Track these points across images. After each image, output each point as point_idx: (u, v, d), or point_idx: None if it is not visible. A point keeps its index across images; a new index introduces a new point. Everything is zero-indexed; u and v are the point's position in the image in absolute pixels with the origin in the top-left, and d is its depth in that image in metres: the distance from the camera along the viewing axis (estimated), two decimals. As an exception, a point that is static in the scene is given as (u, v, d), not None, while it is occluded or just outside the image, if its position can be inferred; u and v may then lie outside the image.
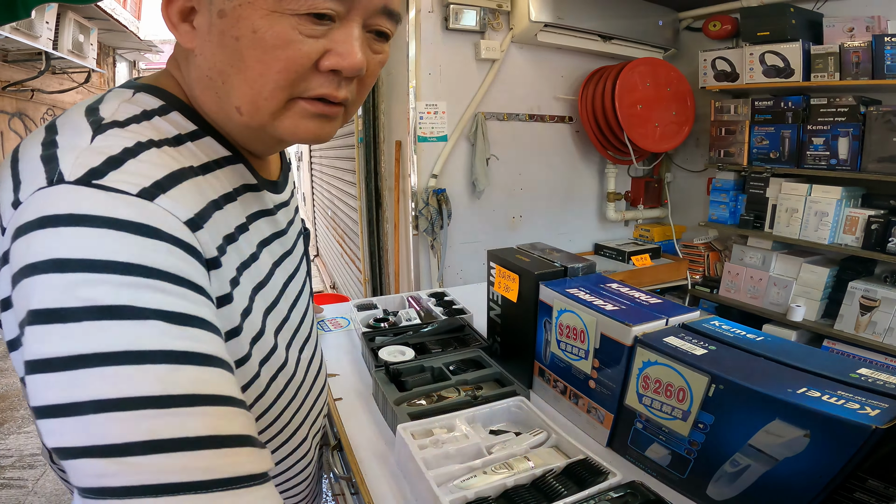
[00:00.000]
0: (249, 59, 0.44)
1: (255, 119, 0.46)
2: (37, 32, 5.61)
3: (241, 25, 0.43)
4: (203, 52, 0.46)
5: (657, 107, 2.37)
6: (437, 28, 2.20)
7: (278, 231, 0.59)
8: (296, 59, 0.44)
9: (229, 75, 0.45)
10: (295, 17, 0.43)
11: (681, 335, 0.64)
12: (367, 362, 1.12)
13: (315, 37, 0.44)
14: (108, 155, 0.38)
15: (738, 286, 2.42)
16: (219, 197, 0.47)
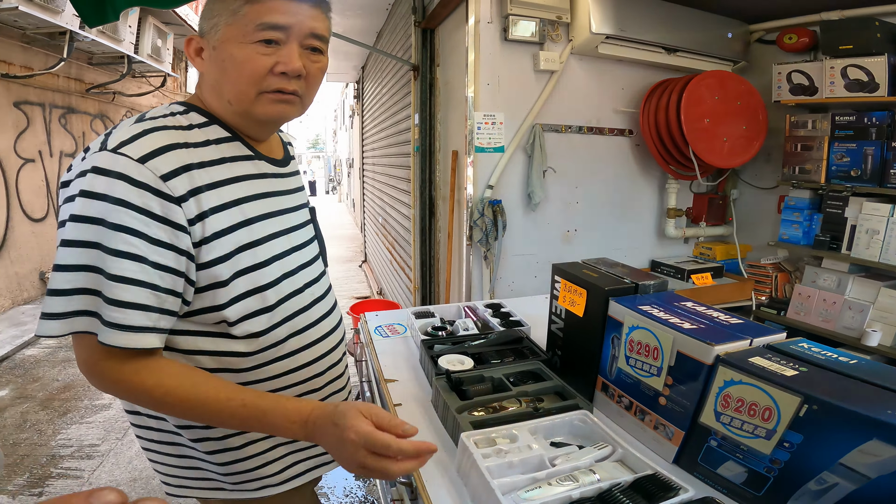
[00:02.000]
0: (230, 71, 0.77)
1: (240, 107, 0.79)
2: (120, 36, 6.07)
3: (224, 53, 0.76)
4: (208, 71, 0.81)
5: (726, 121, 2.28)
6: (495, 39, 2.22)
7: (273, 192, 0.87)
8: (256, 68, 0.76)
9: (222, 83, 0.79)
10: (253, 45, 0.75)
11: (767, 356, 0.63)
12: (425, 369, 1.13)
13: (267, 55, 0.76)
14: (129, 136, 0.69)
15: (809, 309, 2.28)
16: (201, 161, 0.75)
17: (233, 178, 0.79)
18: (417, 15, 2.93)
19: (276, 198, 0.87)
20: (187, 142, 0.75)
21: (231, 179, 0.79)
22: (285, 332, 0.85)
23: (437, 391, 0.96)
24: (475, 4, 2.19)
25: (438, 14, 2.67)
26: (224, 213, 0.76)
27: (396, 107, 3.98)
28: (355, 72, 6.96)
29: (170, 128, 0.74)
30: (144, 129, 0.72)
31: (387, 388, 1.10)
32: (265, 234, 0.82)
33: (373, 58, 5.44)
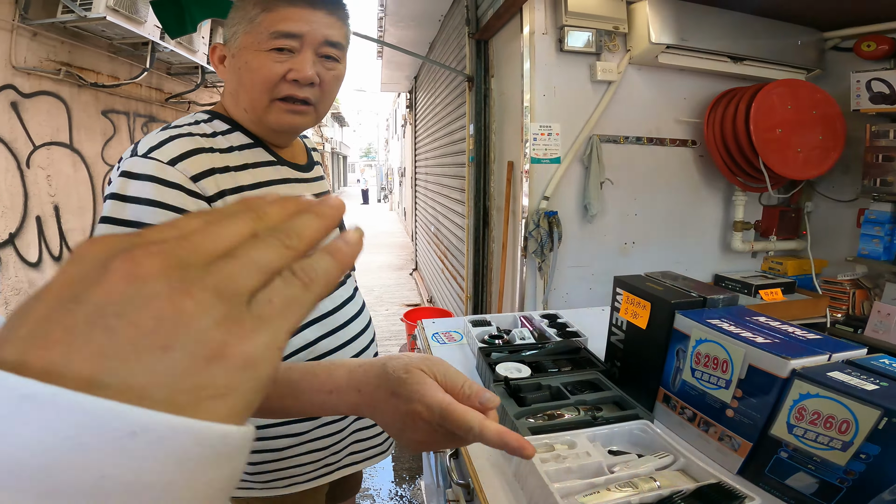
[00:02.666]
0: (246, 78, 0.80)
1: (254, 114, 0.82)
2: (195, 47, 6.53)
3: (240, 60, 0.80)
4: (229, 79, 0.85)
5: (800, 131, 2.17)
6: (551, 49, 2.23)
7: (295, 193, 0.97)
8: (268, 75, 0.78)
9: (239, 90, 0.82)
10: (267, 53, 0.78)
11: (847, 371, 0.62)
12: (482, 376, 1.16)
13: (280, 62, 0.78)
14: (156, 143, 0.74)
15: (890, 327, 2.12)
16: (225, 166, 0.79)
17: (256, 183, 0.82)
18: (471, 26, 2.99)
19: None
20: (213, 147, 0.79)
21: (254, 185, 0.81)
22: (315, 334, 0.87)
23: (496, 397, 0.98)
24: (530, 16, 2.22)
25: (492, 25, 2.71)
26: None
27: (450, 117, 4.06)
28: (408, 82, 7.14)
29: (195, 135, 0.78)
30: (171, 136, 0.76)
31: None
32: None
33: (425, 68, 5.58)
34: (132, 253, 0.18)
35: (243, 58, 0.80)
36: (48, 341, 0.16)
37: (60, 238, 4.76)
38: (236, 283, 0.18)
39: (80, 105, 5.17)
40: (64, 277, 0.18)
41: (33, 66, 4.48)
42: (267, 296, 0.19)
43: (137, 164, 0.71)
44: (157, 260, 0.17)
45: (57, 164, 4.86)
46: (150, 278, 0.17)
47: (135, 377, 0.16)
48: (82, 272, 0.18)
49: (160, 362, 0.17)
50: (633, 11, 2.21)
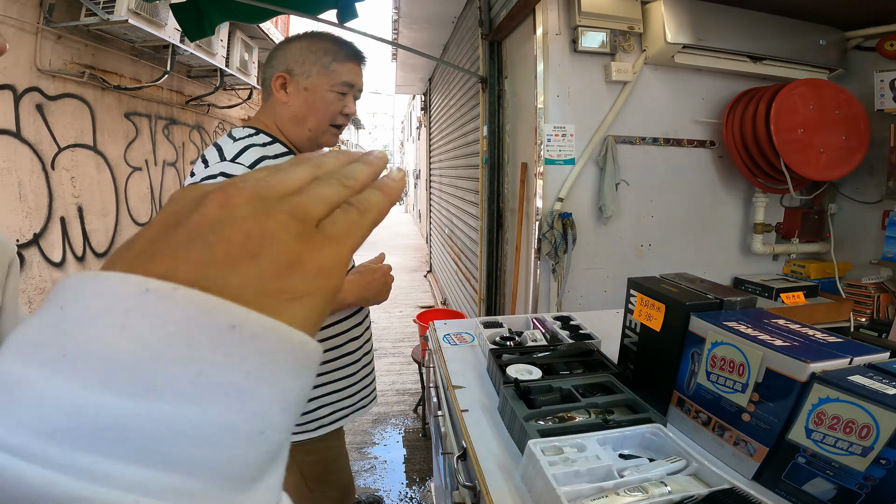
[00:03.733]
0: (318, 108, 1.12)
1: (315, 136, 1.14)
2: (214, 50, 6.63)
3: (315, 94, 1.11)
4: (293, 104, 1.12)
5: (823, 131, 2.12)
6: (564, 50, 2.21)
7: None
8: (333, 110, 1.13)
9: (308, 116, 1.12)
10: (333, 93, 1.11)
11: (869, 374, 0.60)
12: (492, 377, 1.15)
13: (340, 101, 1.12)
14: (237, 151, 1.02)
15: (919, 337, 2.04)
16: None
17: None
18: (484, 28, 2.99)
19: None
20: (266, 155, 1.07)
21: None
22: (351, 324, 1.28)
23: (505, 399, 0.97)
24: (543, 16, 2.20)
25: (505, 26, 2.70)
26: None
27: (464, 119, 4.05)
28: (422, 84, 7.16)
29: (257, 145, 1.08)
30: (245, 146, 1.06)
31: (454, 393, 1.12)
32: None
33: (439, 70, 5.59)
34: (223, 188, 0.22)
35: (318, 93, 1.12)
36: (156, 256, 0.19)
37: (84, 239, 4.88)
38: (306, 209, 0.22)
39: (104, 107, 5.29)
40: (164, 213, 0.22)
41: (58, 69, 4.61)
42: (332, 220, 0.23)
43: (230, 167, 1.02)
44: (244, 193, 0.21)
45: (81, 165, 4.98)
46: (238, 205, 0.21)
47: (229, 281, 0.19)
48: (180, 207, 0.22)
49: (249, 269, 0.20)
50: (648, 11, 2.18)
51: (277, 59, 1.16)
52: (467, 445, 0.93)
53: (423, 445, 2.79)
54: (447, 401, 1.16)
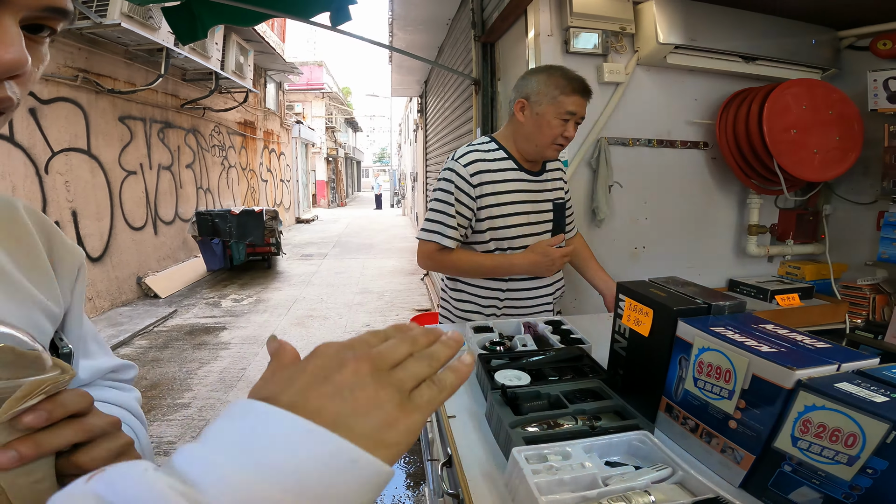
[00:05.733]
0: (545, 130, 1.47)
1: (541, 150, 1.52)
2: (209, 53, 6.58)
3: (544, 119, 1.46)
4: (527, 124, 1.50)
5: (816, 132, 2.11)
6: (556, 51, 2.20)
7: (523, 189, 1.57)
8: (556, 133, 1.48)
9: (537, 135, 1.49)
10: (557, 119, 1.45)
11: (856, 381, 0.58)
12: (481, 384, 1.13)
13: (562, 125, 1.47)
14: (463, 153, 1.55)
15: (914, 337, 2.02)
16: (489, 169, 1.53)
17: (503, 179, 1.54)
18: (477, 29, 2.98)
19: (524, 193, 1.57)
20: (485, 158, 1.53)
21: (502, 181, 1.54)
22: None
23: (492, 405, 0.95)
24: (535, 17, 2.19)
25: (498, 28, 2.69)
26: (492, 195, 1.52)
27: (459, 121, 4.04)
28: (418, 86, 7.15)
29: (479, 150, 1.55)
30: (470, 150, 1.54)
31: None
32: (510, 211, 1.54)
33: (435, 72, 5.58)
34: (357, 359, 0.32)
35: (546, 118, 1.46)
36: (310, 401, 0.31)
37: (78, 243, 4.86)
38: (404, 384, 0.33)
39: (98, 111, 5.26)
40: (314, 365, 0.33)
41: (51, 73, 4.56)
42: (419, 393, 0.33)
43: (452, 164, 1.53)
44: (368, 365, 0.32)
45: (75, 170, 4.95)
46: (365, 374, 0.32)
47: (355, 428, 0.30)
48: (326, 362, 0.33)
49: (367, 422, 0.30)
50: (640, 12, 2.17)
51: (520, 87, 1.52)
52: (452, 452, 0.91)
53: (419, 450, 2.77)
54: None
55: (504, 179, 1.54)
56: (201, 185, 7.85)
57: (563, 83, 1.43)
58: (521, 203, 1.57)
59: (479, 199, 1.52)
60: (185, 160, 7.42)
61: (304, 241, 11.24)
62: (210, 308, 5.78)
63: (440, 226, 1.53)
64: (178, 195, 7.03)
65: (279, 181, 13.13)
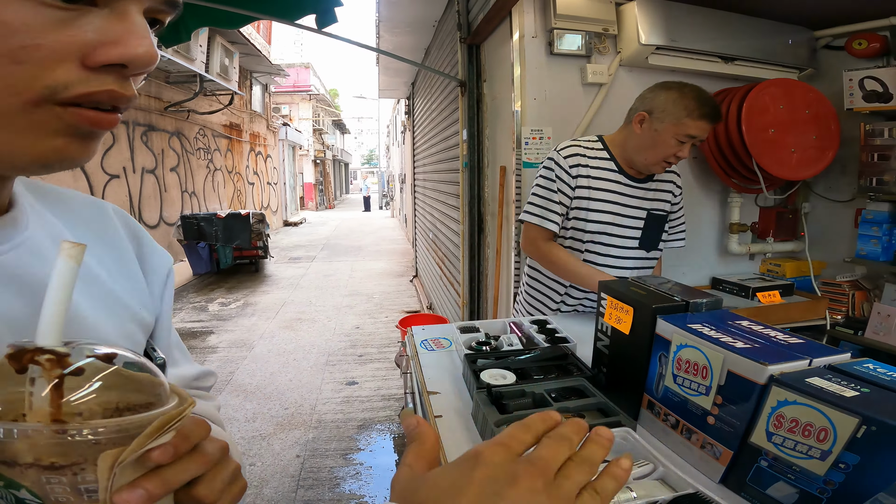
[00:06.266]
0: (659, 147, 1.44)
1: (648, 164, 1.50)
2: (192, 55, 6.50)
3: (662, 136, 1.42)
4: (642, 137, 1.47)
5: (794, 131, 2.15)
6: (541, 53, 2.22)
7: (619, 192, 1.54)
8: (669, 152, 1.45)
9: (649, 148, 1.46)
10: (674, 139, 1.42)
11: (827, 376, 0.59)
12: (467, 383, 1.13)
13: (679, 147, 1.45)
14: (564, 146, 1.58)
15: (890, 328, 2.08)
16: (587, 165, 1.54)
17: (599, 178, 1.54)
18: (463, 31, 2.99)
19: (619, 195, 1.54)
20: (586, 154, 1.54)
21: (598, 178, 1.54)
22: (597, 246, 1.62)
23: (478, 404, 0.96)
24: (519, 19, 2.21)
25: (483, 30, 2.71)
26: (585, 188, 1.53)
27: (445, 122, 4.05)
28: (406, 88, 7.16)
29: (582, 146, 1.55)
30: (573, 144, 1.57)
31: (429, 399, 1.10)
32: (597, 208, 1.54)
33: (422, 74, 5.59)
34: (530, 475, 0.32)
35: (665, 136, 1.41)
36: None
37: (58, 248, 4.74)
38: (571, 494, 0.32)
39: (79, 115, 5.17)
40: (484, 473, 0.32)
41: (30, 78, 4.49)
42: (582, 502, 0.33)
43: (553, 154, 1.56)
44: (542, 480, 0.31)
45: (55, 174, 4.86)
46: (540, 493, 0.31)
47: None
48: (495, 474, 0.31)
49: None
50: (622, 13, 2.20)
51: (646, 100, 1.47)
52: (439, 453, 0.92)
53: (408, 452, 2.77)
54: (422, 407, 1.15)
55: (600, 178, 1.53)
56: (186, 188, 7.76)
57: (693, 106, 1.38)
58: (611, 204, 1.54)
59: (575, 190, 1.54)
60: (170, 163, 7.31)
61: (292, 244, 11.17)
62: (197, 312, 5.71)
63: (546, 211, 1.54)
64: (162, 199, 6.94)
65: (266, 184, 13.03)
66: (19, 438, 0.29)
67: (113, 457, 0.30)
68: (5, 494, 0.30)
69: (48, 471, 0.30)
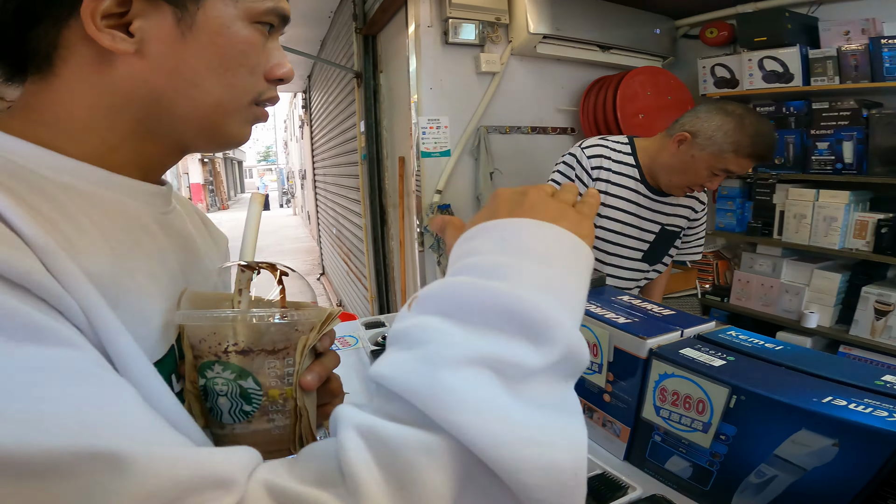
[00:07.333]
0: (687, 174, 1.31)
1: (671, 186, 1.37)
2: None
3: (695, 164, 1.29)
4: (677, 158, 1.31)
5: (659, 116, 2.36)
6: (436, 42, 2.22)
7: (636, 202, 1.40)
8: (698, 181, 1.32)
9: (675, 172, 1.33)
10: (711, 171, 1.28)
11: (697, 346, 0.63)
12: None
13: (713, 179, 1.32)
14: (590, 143, 1.40)
15: (749, 294, 2.38)
16: (610, 168, 1.37)
17: (618, 183, 1.39)
18: (358, 22, 2.90)
19: (635, 206, 1.41)
20: (611, 157, 1.38)
21: (617, 184, 1.39)
22: None
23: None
24: (415, 9, 2.18)
25: (379, 20, 2.64)
26: (603, 193, 1.38)
27: (342, 115, 3.93)
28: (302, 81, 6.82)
29: (609, 147, 1.39)
30: (599, 143, 1.40)
31: None
32: (609, 215, 1.41)
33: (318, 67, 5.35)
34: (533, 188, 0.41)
35: (698, 164, 1.27)
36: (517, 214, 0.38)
37: None
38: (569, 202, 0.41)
39: None
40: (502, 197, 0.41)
41: None
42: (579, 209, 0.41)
43: (574, 149, 1.41)
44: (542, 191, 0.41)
45: None
46: (545, 196, 0.40)
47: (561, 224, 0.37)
48: (510, 195, 0.41)
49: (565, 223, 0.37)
50: (513, 2, 2.24)
51: (697, 120, 1.28)
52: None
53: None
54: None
55: (619, 184, 1.40)
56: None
57: (744, 143, 1.22)
58: (624, 213, 1.43)
59: None
60: None
61: (182, 249, 10.20)
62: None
63: None
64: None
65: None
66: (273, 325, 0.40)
67: (304, 341, 0.41)
68: (232, 387, 0.39)
69: (271, 355, 0.40)
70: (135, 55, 0.38)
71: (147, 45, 0.38)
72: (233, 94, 0.42)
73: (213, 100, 0.41)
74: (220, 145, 0.46)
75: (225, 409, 0.39)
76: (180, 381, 0.41)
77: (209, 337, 0.39)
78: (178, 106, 0.40)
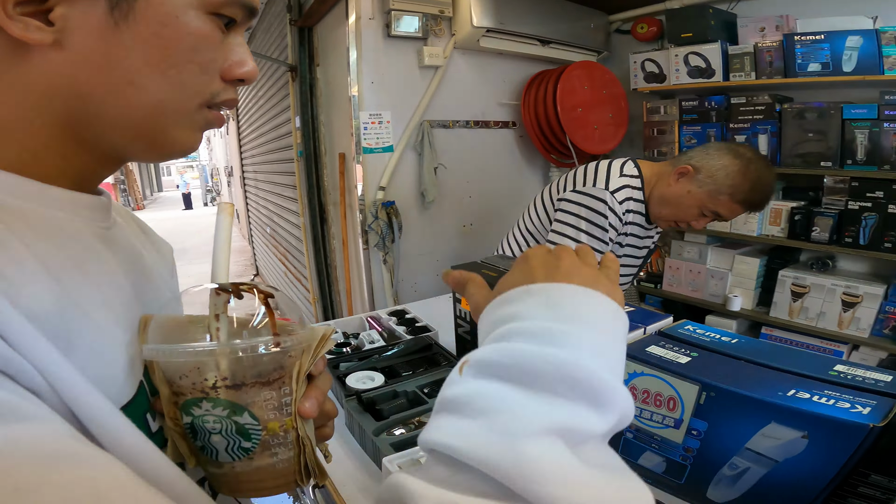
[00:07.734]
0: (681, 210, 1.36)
1: (666, 220, 1.41)
2: None
3: (690, 200, 1.33)
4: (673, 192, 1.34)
5: (595, 109, 2.45)
6: (378, 35, 2.15)
7: (637, 235, 1.44)
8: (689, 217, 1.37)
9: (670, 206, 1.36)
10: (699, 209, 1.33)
11: (661, 343, 0.65)
12: (334, 392, 1.06)
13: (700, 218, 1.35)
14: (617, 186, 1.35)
15: (680, 280, 2.52)
16: (633, 210, 1.38)
17: (633, 222, 1.39)
18: (293, 13, 2.75)
19: (637, 238, 1.45)
20: (634, 197, 1.36)
21: (632, 223, 1.39)
22: None
23: (350, 414, 0.90)
24: (356, 1, 2.10)
25: (316, 11, 2.52)
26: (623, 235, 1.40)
27: (275, 110, 3.74)
28: (225, 72, 6.44)
29: (630, 185, 1.35)
30: (621, 185, 1.34)
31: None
32: (620, 253, 1.44)
33: (243, 57, 5.05)
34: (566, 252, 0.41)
35: (692, 201, 1.28)
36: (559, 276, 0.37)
37: None
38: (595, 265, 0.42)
39: None
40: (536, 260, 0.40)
41: None
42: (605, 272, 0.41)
43: (610, 198, 1.32)
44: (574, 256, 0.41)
45: None
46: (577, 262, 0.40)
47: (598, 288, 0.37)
48: (545, 258, 0.40)
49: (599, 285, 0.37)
50: (457, -6, 2.22)
51: (706, 157, 1.27)
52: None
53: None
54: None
55: (633, 223, 1.40)
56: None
57: (742, 188, 1.22)
58: (630, 247, 1.46)
59: (619, 236, 1.39)
60: None
61: (96, 254, 9.35)
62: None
63: None
64: None
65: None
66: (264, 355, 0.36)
67: (298, 367, 0.38)
68: (226, 424, 0.35)
69: (266, 386, 0.36)
70: (53, 47, 0.32)
71: (70, 35, 0.32)
72: (179, 94, 0.36)
73: (152, 100, 0.35)
74: (162, 154, 0.39)
75: (221, 448, 0.36)
76: (157, 419, 0.37)
77: (191, 373, 0.35)
78: (109, 106, 0.35)
